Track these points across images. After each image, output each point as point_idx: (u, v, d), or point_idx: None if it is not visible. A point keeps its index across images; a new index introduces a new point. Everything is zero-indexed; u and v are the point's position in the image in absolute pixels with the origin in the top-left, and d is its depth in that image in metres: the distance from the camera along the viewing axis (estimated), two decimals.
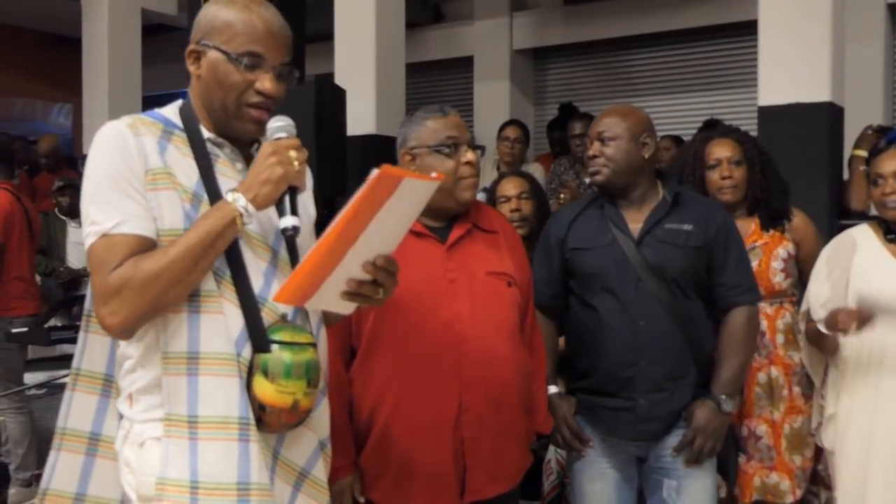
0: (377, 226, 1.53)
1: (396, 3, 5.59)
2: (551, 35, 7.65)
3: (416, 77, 7.75)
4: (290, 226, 1.63)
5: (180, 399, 1.62)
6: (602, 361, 2.47)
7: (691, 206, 2.55)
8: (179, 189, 1.66)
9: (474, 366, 2.16)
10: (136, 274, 1.57)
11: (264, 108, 1.71)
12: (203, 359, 1.63)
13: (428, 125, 2.26)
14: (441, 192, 2.23)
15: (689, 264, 2.48)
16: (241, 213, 1.60)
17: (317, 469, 1.78)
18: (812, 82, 4.05)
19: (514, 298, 2.30)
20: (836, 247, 2.79)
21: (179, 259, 1.57)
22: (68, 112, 10.39)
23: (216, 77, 1.70)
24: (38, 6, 8.60)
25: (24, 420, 4.79)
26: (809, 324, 2.77)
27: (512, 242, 2.38)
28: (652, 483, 2.54)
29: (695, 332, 2.48)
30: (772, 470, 2.90)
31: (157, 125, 1.72)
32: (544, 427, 2.47)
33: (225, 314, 1.64)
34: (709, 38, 7.02)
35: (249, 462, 1.61)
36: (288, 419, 1.66)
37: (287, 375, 1.63)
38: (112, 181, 1.63)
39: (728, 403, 2.47)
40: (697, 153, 3.10)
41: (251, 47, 1.68)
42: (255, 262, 1.69)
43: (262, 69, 1.70)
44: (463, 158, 2.23)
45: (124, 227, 1.61)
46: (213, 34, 1.70)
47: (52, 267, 5.81)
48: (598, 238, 2.51)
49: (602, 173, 2.52)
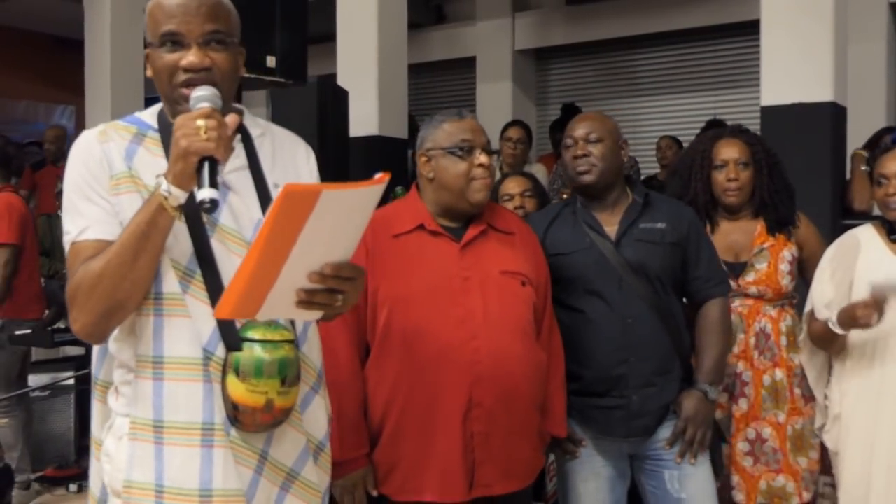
0: (311, 238, 1.46)
1: (399, 3, 5.59)
2: (553, 35, 7.66)
3: (419, 78, 7.76)
4: (207, 198, 1.51)
5: (146, 403, 1.62)
6: (592, 362, 2.50)
7: (661, 205, 2.64)
8: (143, 190, 1.64)
9: (485, 362, 2.19)
10: (84, 277, 1.57)
11: (195, 84, 1.63)
12: (168, 363, 1.62)
13: (444, 128, 2.31)
14: (453, 193, 2.28)
15: (668, 261, 2.56)
16: (165, 195, 1.52)
17: (307, 470, 1.75)
18: (814, 82, 4.05)
19: (527, 298, 2.32)
20: (840, 247, 2.78)
21: (117, 255, 1.55)
22: (71, 114, 10.40)
23: (155, 70, 1.70)
24: (40, 8, 8.62)
25: (16, 424, 4.75)
26: (815, 324, 2.76)
27: (529, 243, 2.42)
28: (649, 475, 2.56)
29: (676, 326, 2.56)
30: (778, 473, 2.89)
31: (130, 129, 1.72)
32: (560, 430, 2.48)
33: (192, 317, 1.62)
34: (711, 38, 7.02)
35: (212, 468, 1.61)
36: (263, 419, 1.63)
37: (258, 374, 1.59)
38: (78, 189, 1.65)
39: (714, 392, 2.56)
40: (705, 152, 3.08)
41: (167, 27, 1.66)
42: (229, 258, 1.64)
43: (185, 46, 1.65)
44: (476, 161, 2.27)
45: (87, 234, 1.62)
46: (147, 33, 1.72)
47: (56, 269, 5.83)
48: (575, 242, 2.55)
49: (592, 172, 2.56)
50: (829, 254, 2.79)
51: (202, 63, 1.65)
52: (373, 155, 5.26)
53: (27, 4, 8.50)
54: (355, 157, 4.73)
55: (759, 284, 2.93)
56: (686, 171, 3.10)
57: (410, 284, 2.19)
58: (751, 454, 2.91)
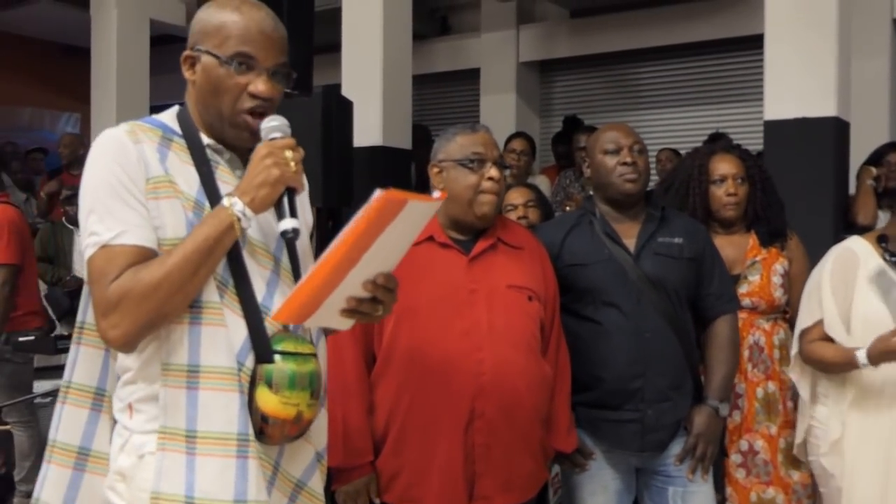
0: (380, 246, 1.51)
1: (404, 14, 5.61)
2: (558, 48, 7.68)
3: (423, 89, 7.78)
4: (290, 228, 1.59)
5: (179, 412, 1.58)
6: (607, 374, 2.48)
7: (676, 220, 2.65)
8: (181, 197, 1.62)
9: (489, 374, 2.19)
10: (136, 285, 1.53)
11: (259, 113, 1.66)
12: (203, 372, 1.58)
13: (457, 140, 2.33)
14: (461, 205, 2.28)
15: (685, 276, 2.56)
16: (239, 217, 1.55)
17: (313, 481, 1.76)
18: (818, 97, 4.06)
19: (534, 312, 2.32)
20: (838, 261, 2.72)
21: (178, 268, 1.53)
22: (76, 121, 10.43)
23: (210, 82, 1.67)
24: (46, 16, 8.64)
25: (33, 433, 4.78)
26: (820, 347, 2.69)
27: (538, 258, 2.42)
28: (654, 491, 2.56)
29: (689, 341, 2.56)
30: (768, 485, 2.90)
31: (156, 132, 1.68)
32: (565, 445, 2.47)
33: (227, 326, 1.60)
34: (715, 52, 7.04)
35: (247, 479, 1.58)
36: (290, 431, 1.63)
37: (291, 386, 1.59)
38: (111, 190, 1.59)
39: (724, 408, 2.57)
40: (702, 167, 3.11)
41: (242, 48, 1.64)
42: (258, 271, 1.66)
43: (255, 71, 1.66)
44: (487, 174, 2.28)
45: (124, 238, 1.57)
46: (205, 38, 1.67)
47: (59, 276, 5.84)
48: (593, 253, 2.54)
49: (638, 181, 2.56)
50: (826, 269, 2.73)
51: (271, 94, 1.67)
52: (377, 165, 5.27)
53: (33, 12, 8.54)
54: (359, 167, 4.73)
55: (753, 296, 2.96)
56: (683, 186, 3.13)
57: (417, 295, 2.19)
58: (743, 466, 2.93)
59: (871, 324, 2.56)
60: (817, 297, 2.72)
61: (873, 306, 2.60)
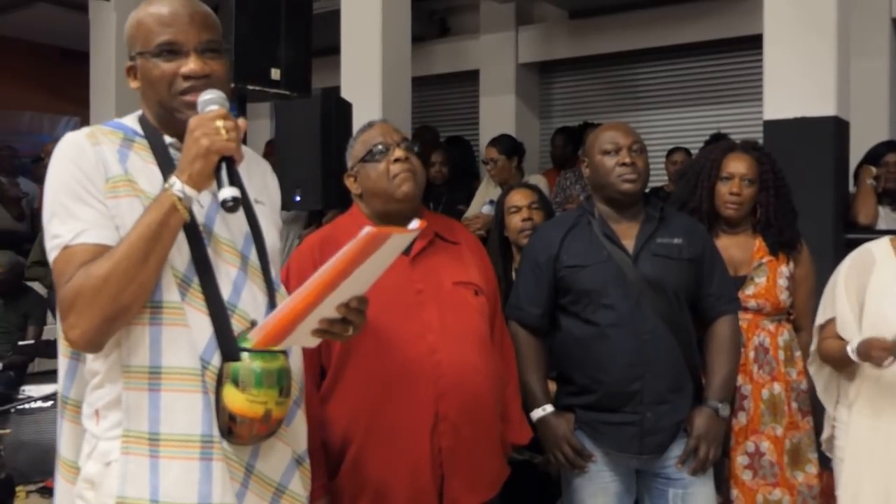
0: (359, 274, 1.53)
1: (402, 16, 5.61)
2: (557, 49, 7.67)
3: (422, 91, 7.77)
4: (230, 197, 1.54)
5: (141, 415, 1.57)
6: (606, 376, 2.47)
7: (675, 220, 2.62)
8: (142, 195, 1.61)
9: (448, 375, 2.15)
10: (87, 281, 1.51)
11: (196, 91, 1.65)
12: (165, 374, 1.57)
13: (359, 141, 2.33)
14: (381, 196, 2.24)
15: (685, 277, 2.54)
16: (179, 196, 1.53)
17: (294, 484, 1.74)
18: (817, 96, 4.06)
19: (481, 308, 2.30)
20: (854, 262, 2.73)
21: (125, 256, 1.51)
22: (75, 125, 10.36)
23: (147, 80, 1.69)
24: (45, 20, 8.64)
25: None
26: (830, 341, 2.70)
27: (476, 252, 2.40)
28: (655, 493, 2.55)
29: (689, 343, 2.54)
30: (775, 486, 2.89)
31: (117, 134, 1.69)
32: (519, 437, 2.44)
33: (190, 326, 1.59)
34: (714, 52, 7.03)
35: (211, 482, 1.57)
36: (259, 430, 1.62)
37: (258, 384, 1.58)
38: (70, 192, 1.59)
39: (725, 409, 2.55)
40: (715, 162, 3.10)
41: (162, 38, 1.66)
42: (225, 269, 1.65)
43: (183, 54, 1.67)
44: (392, 157, 2.24)
45: (84, 237, 1.56)
46: (133, 44, 1.71)
47: None
48: (592, 254, 2.52)
49: (637, 182, 2.54)
50: (842, 269, 2.75)
51: (203, 70, 1.67)
52: None
53: (32, 16, 8.53)
54: None
55: (759, 298, 2.95)
56: (694, 178, 3.12)
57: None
58: (750, 467, 2.91)
59: (878, 328, 2.55)
60: (832, 295, 2.74)
61: (883, 309, 2.59)
